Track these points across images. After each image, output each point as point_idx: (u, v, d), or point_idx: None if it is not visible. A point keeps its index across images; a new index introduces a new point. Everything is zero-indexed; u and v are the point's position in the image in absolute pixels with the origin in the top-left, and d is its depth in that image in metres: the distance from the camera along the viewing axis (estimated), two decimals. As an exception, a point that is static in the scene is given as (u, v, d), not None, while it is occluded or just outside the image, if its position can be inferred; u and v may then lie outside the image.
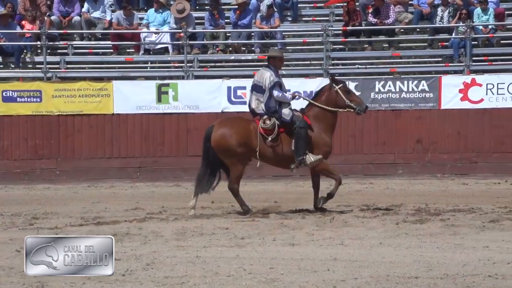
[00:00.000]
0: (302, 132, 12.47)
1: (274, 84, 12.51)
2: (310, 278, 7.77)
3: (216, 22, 20.14)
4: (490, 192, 15.30)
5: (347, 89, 13.01)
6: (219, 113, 18.55)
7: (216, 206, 13.54)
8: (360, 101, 12.95)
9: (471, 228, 10.63)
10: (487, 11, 19.35)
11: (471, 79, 18.24)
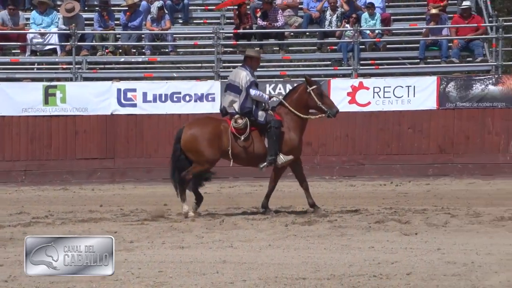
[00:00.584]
0: (276, 132, 12.45)
1: (251, 83, 12.50)
2: (199, 281, 7.74)
3: (106, 23, 19.88)
4: (376, 193, 15.62)
5: (320, 91, 12.87)
6: (109, 115, 18.32)
7: (104, 210, 13.35)
8: (331, 104, 12.83)
9: (358, 229, 10.81)
10: (374, 16, 19.77)
11: (359, 82, 18.58)
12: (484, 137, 18.07)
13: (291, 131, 12.62)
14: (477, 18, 19.32)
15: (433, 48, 19.47)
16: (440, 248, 9.16)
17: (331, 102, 12.90)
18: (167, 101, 18.56)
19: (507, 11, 25.41)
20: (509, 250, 8.93)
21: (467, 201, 14.16)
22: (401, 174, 18.08)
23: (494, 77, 18.23)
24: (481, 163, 17.80)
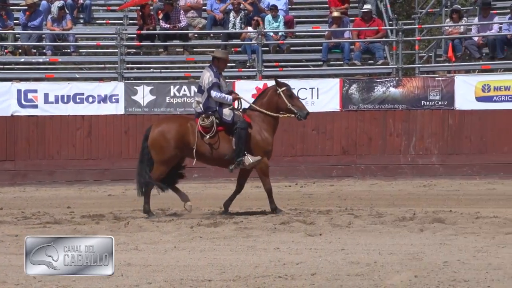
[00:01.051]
0: (242, 133, 12.38)
1: (212, 84, 12.44)
2: (103, 284, 7.62)
3: (4, 23, 19.41)
4: (281, 194, 15.70)
5: (290, 92, 12.83)
6: (9, 116, 17.93)
7: (5, 213, 13.02)
8: (301, 106, 12.81)
9: (263, 230, 10.85)
10: (277, 18, 19.92)
11: (263, 84, 18.66)
12: (386, 138, 18.41)
13: (263, 132, 12.62)
14: (378, 21, 19.69)
15: (335, 51, 19.74)
16: (344, 248, 9.27)
17: (301, 104, 12.95)
18: (70, 102, 18.28)
19: (407, 15, 26.01)
20: (410, 250, 9.11)
21: (370, 201, 14.40)
22: (305, 176, 18.26)
23: (395, 79, 18.61)
24: (383, 164, 18.14)
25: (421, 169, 18.12)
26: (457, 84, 18.12)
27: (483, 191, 16.08)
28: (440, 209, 12.88)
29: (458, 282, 7.43)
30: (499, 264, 8.13)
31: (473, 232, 10.34)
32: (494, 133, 17.90)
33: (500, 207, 13.33)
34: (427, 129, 18.29)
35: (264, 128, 12.61)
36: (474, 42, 19.09)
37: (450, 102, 18.18)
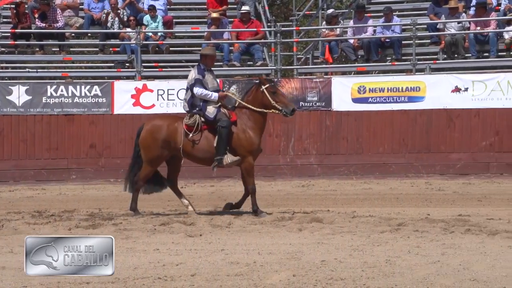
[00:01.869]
0: (223, 132, 12.22)
1: (195, 81, 12.39)
2: (-24, 291, 7.40)
3: None
4: (160, 195, 15.58)
5: (273, 89, 12.54)
6: None
7: None
8: (286, 102, 12.52)
9: (143, 231, 10.77)
10: (156, 18, 19.80)
11: (143, 84, 18.55)
12: (266, 139, 18.56)
13: (248, 131, 12.41)
14: (256, 23, 19.86)
15: (215, 52, 19.77)
16: (224, 248, 9.31)
17: (286, 101, 12.65)
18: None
19: (285, 17, 26.37)
20: (289, 249, 9.23)
21: (250, 202, 14.47)
22: (186, 176, 18.20)
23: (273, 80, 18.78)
24: (263, 165, 18.26)
25: (300, 170, 18.37)
26: (334, 85, 18.47)
27: (359, 190, 16.45)
28: (318, 208, 13.10)
29: (335, 281, 7.56)
30: (374, 262, 8.33)
31: (350, 231, 10.56)
32: (370, 134, 18.32)
33: (375, 206, 13.68)
34: (305, 130, 18.56)
35: (250, 127, 12.43)
36: (350, 45, 19.52)
37: (327, 103, 18.50)
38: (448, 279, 7.54)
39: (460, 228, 10.62)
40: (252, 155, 12.52)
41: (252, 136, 12.43)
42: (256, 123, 12.47)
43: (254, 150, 12.51)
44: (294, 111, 12.45)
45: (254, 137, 12.44)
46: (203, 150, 12.45)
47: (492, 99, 17.74)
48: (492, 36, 18.49)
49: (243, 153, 12.38)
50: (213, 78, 12.68)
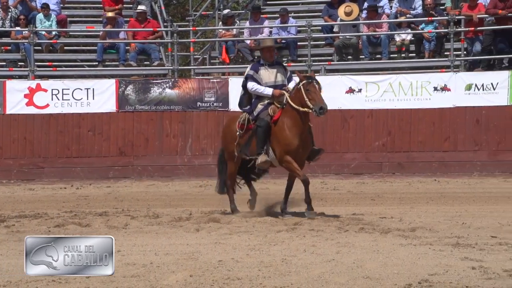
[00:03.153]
0: (258, 131, 11.78)
1: (246, 77, 12.08)
2: None
3: None
4: (56, 196, 15.39)
5: (308, 86, 11.68)
6: None
7: None
8: (317, 100, 11.58)
9: (37, 233, 10.56)
10: (50, 17, 19.44)
11: (36, 84, 18.19)
12: (163, 139, 18.51)
13: (286, 130, 11.75)
14: (153, 23, 19.76)
15: (111, 51, 19.59)
16: (120, 250, 9.21)
17: (318, 98, 11.65)
18: None
19: (181, 17, 26.31)
20: (186, 249, 9.21)
21: (147, 202, 14.41)
22: (81, 177, 17.99)
23: (170, 80, 18.74)
24: (160, 165, 18.22)
25: (197, 170, 18.37)
26: (231, 85, 18.53)
27: (257, 190, 16.48)
28: (216, 209, 13.12)
29: (231, 280, 7.59)
30: (270, 262, 8.39)
31: (247, 231, 10.62)
32: (267, 134, 18.43)
33: (270, 206, 13.78)
34: (203, 130, 18.57)
35: (289, 126, 11.75)
36: (246, 45, 19.63)
37: (224, 104, 18.56)
38: (342, 277, 7.67)
39: (354, 226, 10.81)
40: (290, 153, 11.77)
41: (288, 135, 11.75)
42: (295, 122, 11.77)
43: (291, 151, 11.76)
44: (322, 109, 11.54)
45: (291, 137, 11.74)
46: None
47: (385, 100, 18.15)
48: (384, 39, 18.92)
49: (280, 153, 11.80)
50: (272, 73, 12.04)
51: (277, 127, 11.83)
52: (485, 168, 17.38)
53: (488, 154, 17.51)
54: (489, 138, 17.50)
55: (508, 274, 7.66)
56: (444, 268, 7.95)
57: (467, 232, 10.23)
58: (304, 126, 11.79)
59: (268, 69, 12.04)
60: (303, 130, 11.79)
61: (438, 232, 10.30)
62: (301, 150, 11.86)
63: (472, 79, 17.76)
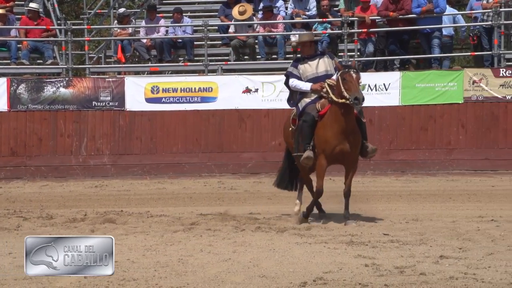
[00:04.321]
0: (303, 126, 11.23)
1: (287, 75, 11.63)
2: None
3: None
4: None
5: (344, 75, 10.86)
6: None
7: None
8: (353, 90, 10.73)
9: None
10: None
11: None
12: (57, 139, 18.17)
13: (325, 126, 11.07)
14: (46, 20, 19.37)
15: (2, 49, 19.12)
16: (12, 252, 9.02)
17: (354, 88, 10.77)
18: None
19: (75, 15, 25.90)
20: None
21: (40, 203, 14.14)
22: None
23: (65, 79, 18.42)
24: (54, 166, 17.89)
25: (93, 170, 18.12)
26: (127, 85, 18.35)
27: (153, 190, 16.46)
28: (111, 209, 13.00)
29: (127, 281, 7.54)
30: (167, 262, 8.37)
31: (143, 231, 10.55)
32: (163, 134, 18.36)
33: (169, 206, 13.75)
34: (98, 130, 18.32)
35: (330, 121, 11.04)
36: (143, 44, 19.48)
37: (120, 103, 18.36)
38: (239, 276, 7.71)
39: (250, 226, 10.88)
40: (325, 153, 11.08)
41: (327, 133, 11.05)
42: (337, 117, 10.99)
43: (326, 150, 11.05)
44: (357, 99, 10.68)
45: (329, 134, 11.02)
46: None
47: (281, 100, 18.23)
48: (280, 39, 19.09)
49: (317, 151, 11.14)
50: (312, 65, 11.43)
51: (320, 122, 11.14)
52: (377, 167, 17.71)
53: (381, 153, 17.83)
54: (382, 138, 17.85)
55: (399, 270, 7.85)
56: (338, 266, 8.08)
57: (360, 230, 10.43)
58: (347, 121, 10.92)
59: (308, 62, 11.49)
60: (345, 126, 10.94)
61: (332, 231, 10.46)
62: (341, 147, 11.03)
63: (365, 80, 18.06)
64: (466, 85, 17.47)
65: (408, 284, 7.36)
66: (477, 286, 7.26)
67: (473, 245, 9.18)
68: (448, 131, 17.57)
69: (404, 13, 18.17)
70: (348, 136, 11.01)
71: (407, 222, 11.15)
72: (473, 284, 7.31)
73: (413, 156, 17.62)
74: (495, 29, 17.61)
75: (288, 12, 19.63)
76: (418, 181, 16.45)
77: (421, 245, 9.27)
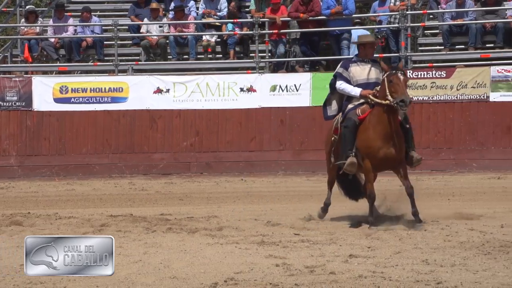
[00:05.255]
0: (344, 132, 10.71)
1: (335, 76, 11.04)
2: None
3: None
4: None
5: (391, 77, 10.45)
6: None
7: None
8: (399, 92, 10.30)
9: None
10: None
11: None
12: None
13: (369, 130, 10.60)
14: None
15: None
16: None
17: (400, 90, 10.34)
18: None
19: None
20: None
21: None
22: None
23: None
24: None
25: (-1, 171, 17.79)
26: (34, 85, 18.03)
27: (62, 192, 16.19)
28: (18, 211, 12.73)
29: (34, 284, 7.42)
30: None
31: (51, 234, 10.35)
32: (73, 134, 18.10)
33: (78, 208, 13.56)
34: (4, 131, 17.96)
35: (372, 124, 10.60)
36: (51, 43, 19.16)
37: (28, 103, 18.02)
38: (149, 277, 7.65)
39: (162, 227, 10.81)
40: (369, 157, 10.62)
41: (370, 136, 10.59)
42: (380, 119, 10.56)
43: (371, 153, 10.60)
44: (403, 102, 10.25)
45: (373, 137, 10.57)
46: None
47: (192, 100, 18.26)
48: (191, 39, 19.03)
49: (362, 156, 10.68)
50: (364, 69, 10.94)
51: (361, 126, 10.70)
52: (289, 167, 17.84)
53: (292, 153, 18.00)
54: (293, 138, 17.99)
55: (310, 270, 7.91)
56: (249, 266, 8.10)
57: (271, 230, 10.47)
58: (391, 124, 10.50)
59: (360, 65, 10.99)
60: (390, 129, 10.50)
61: (244, 231, 10.48)
62: (386, 151, 10.58)
63: (277, 81, 18.20)
64: (375, 86, 17.75)
65: (318, 283, 7.42)
66: (384, 284, 7.37)
67: (382, 244, 9.32)
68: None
69: (314, 15, 18.36)
70: (391, 140, 10.57)
71: (318, 221, 11.25)
72: (381, 282, 7.42)
73: (323, 156, 17.75)
74: (402, 31, 17.96)
75: (200, 12, 19.60)
76: (328, 181, 16.62)
77: (331, 244, 9.36)
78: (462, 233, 9.96)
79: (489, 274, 7.65)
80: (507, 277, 7.49)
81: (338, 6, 18.26)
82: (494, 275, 7.58)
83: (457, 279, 7.45)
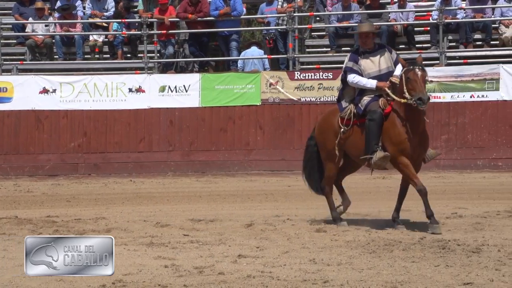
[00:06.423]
0: (370, 126, 10.33)
1: (345, 71, 10.74)
2: None
3: None
4: None
5: (408, 74, 10.15)
6: None
7: None
8: (417, 90, 10.05)
9: None
10: None
11: None
12: None
13: (398, 125, 10.27)
14: None
15: None
16: None
17: (418, 88, 10.10)
18: None
19: None
20: None
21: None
22: None
23: None
24: None
25: None
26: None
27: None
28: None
29: None
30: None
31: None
32: None
33: None
34: None
35: (401, 120, 10.28)
36: None
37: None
38: (34, 281, 7.53)
39: (48, 229, 10.65)
40: (404, 154, 10.28)
41: (402, 132, 10.27)
42: (409, 116, 10.30)
43: (406, 150, 10.26)
44: (420, 100, 10.05)
45: (406, 134, 10.27)
46: (355, 147, 10.63)
47: (80, 100, 18.02)
48: (78, 39, 18.78)
49: (392, 152, 10.29)
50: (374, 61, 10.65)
51: (388, 122, 10.37)
52: (178, 168, 17.83)
53: (182, 154, 17.99)
54: (182, 139, 17.98)
55: (198, 271, 7.94)
56: (138, 268, 8.06)
57: (161, 231, 10.45)
58: (419, 121, 10.33)
59: (369, 57, 10.71)
60: (418, 126, 10.32)
61: (133, 232, 10.42)
62: (417, 149, 10.39)
63: (166, 81, 18.15)
64: (264, 87, 17.93)
65: (207, 283, 7.45)
66: (273, 284, 7.46)
67: (270, 244, 9.43)
68: (247, 132, 17.95)
69: (202, 16, 18.40)
70: (420, 137, 10.42)
71: (207, 222, 11.28)
72: (269, 282, 7.51)
73: (213, 157, 17.86)
74: (289, 33, 18.20)
75: (87, 12, 19.35)
76: (218, 182, 16.70)
77: (220, 245, 9.41)
78: (348, 232, 10.18)
79: (374, 272, 7.84)
80: (391, 275, 7.69)
81: (227, 7, 18.36)
82: (378, 273, 7.78)
83: (343, 278, 7.60)
